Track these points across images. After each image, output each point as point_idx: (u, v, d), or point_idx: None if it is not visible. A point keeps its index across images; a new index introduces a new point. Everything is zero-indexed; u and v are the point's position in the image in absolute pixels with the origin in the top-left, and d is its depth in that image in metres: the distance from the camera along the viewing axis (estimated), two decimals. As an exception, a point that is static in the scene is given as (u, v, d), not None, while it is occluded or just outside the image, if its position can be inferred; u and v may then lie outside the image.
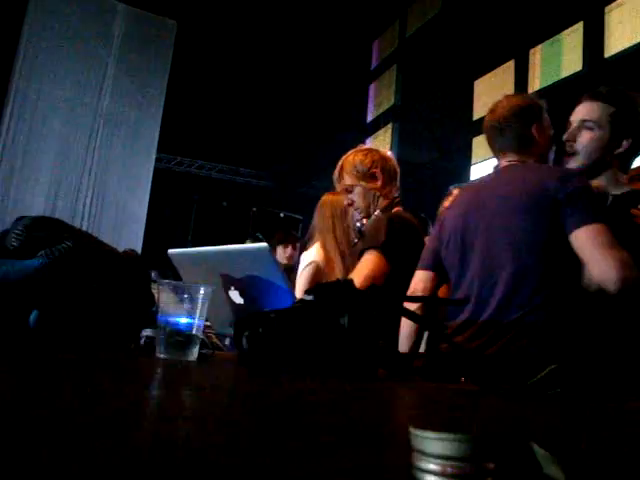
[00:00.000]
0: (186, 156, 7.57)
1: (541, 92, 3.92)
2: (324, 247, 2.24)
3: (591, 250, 1.26)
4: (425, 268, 1.56)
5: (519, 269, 1.34)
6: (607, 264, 1.23)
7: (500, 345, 1.30)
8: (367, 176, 1.91)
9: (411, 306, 1.41)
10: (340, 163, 1.99)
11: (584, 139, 1.47)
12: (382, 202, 1.91)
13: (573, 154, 1.49)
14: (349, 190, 1.95)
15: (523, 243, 1.36)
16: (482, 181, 1.65)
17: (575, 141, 1.49)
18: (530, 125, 1.50)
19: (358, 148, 2.04)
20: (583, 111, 1.52)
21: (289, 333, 0.91)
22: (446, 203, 2.57)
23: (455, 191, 2.47)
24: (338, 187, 2.00)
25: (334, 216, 2.24)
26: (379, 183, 1.91)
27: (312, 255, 2.26)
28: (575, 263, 1.30)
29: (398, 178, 2.00)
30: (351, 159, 1.96)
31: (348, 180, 1.94)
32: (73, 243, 1.30)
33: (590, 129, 1.47)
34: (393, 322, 1.54)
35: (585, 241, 1.27)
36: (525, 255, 1.35)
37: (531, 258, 1.34)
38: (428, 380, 1.17)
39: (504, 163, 1.54)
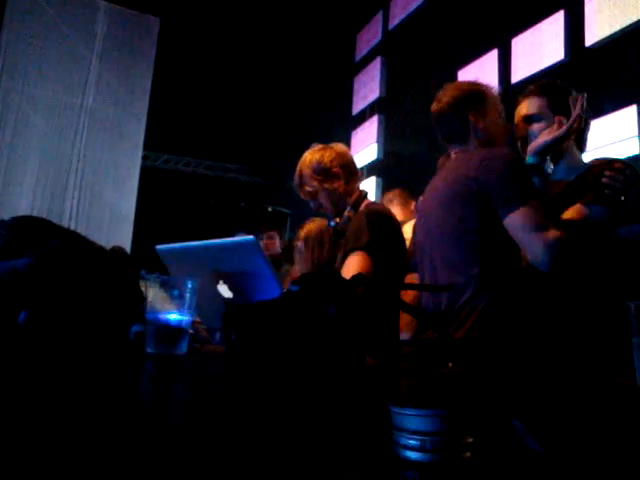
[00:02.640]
0: (173, 153, 7.52)
1: (524, 81, 3.94)
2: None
3: (521, 235, 1.29)
4: (411, 270, 1.65)
5: (451, 260, 1.41)
6: (536, 248, 1.26)
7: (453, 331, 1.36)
8: (329, 176, 1.86)
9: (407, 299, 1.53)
10: (298, 169, 1.91)
11: (537, 131, 1.52)
12: (349, 199, 1.87)
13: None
14: (313, 195, 1.89)
15: (453, 234, 1.41)
16: (435, 176, 1.68)
17: (528, 137, 1.54)
18: (465, 113, 1.53)
19: (312, 148, 1.95)
20: (523, 109, 1.56)
21: (276, 324, 0.92)
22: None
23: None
24: (301, 194, 1.93)
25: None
26: (342, 181, 1.87)
27: None
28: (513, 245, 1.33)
29: (358, 171, 1.96)
30: (308, 162, 1.89)
31: (310, 186, 1.88)
32: (60, 242, 1.29)
33: (538, 121, 1.53)
34: (387, 311, 1.56)
35: (514, 227, 1.30)
36: (455, 246, 1.40)
37: (462, 248, 1.39)
38: (416, 366, 1.18)
39: (452, 154, 1.58)
